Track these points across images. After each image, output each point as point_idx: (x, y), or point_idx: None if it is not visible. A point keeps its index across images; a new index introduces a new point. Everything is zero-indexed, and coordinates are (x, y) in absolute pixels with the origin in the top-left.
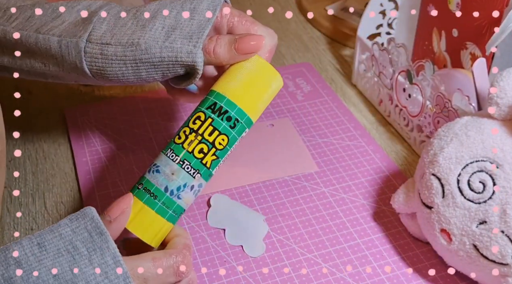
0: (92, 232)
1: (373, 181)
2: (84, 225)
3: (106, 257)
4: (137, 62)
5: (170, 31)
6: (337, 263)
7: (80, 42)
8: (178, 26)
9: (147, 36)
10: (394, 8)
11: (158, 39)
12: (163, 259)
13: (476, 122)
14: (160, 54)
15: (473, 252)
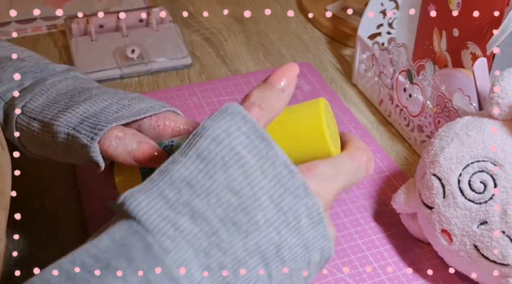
0: (251, 136)
1: (374, 181)
2: (236, 126)
3: (278, 167)
4: (47, 144)
5: (86, 119)
6: (337, 264)
7: (16, 108)
8: (97, 115)
9: (63, 119)
10: (395, 7)
11: (70, 124)
12: (356, 154)
13: (477, 122)
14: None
15: (474, 253)
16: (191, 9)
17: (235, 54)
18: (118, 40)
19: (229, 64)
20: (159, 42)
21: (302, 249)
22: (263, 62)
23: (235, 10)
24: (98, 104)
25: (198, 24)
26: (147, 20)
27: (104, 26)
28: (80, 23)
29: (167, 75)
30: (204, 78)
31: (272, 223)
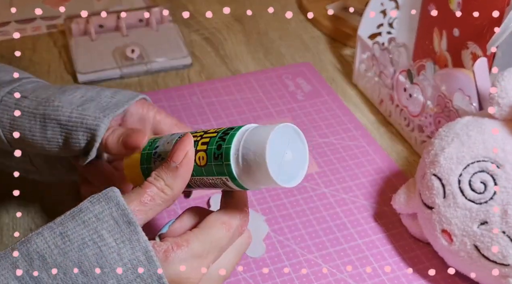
0: (118, 220)
1: (374, 181)
2: (109, 211)
3: (137, 252)
4: (46, 117)
5: (87, 101)
6: (338, 264)
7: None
8: (96, 99)
9: (63, 98)
10: (395, 7)
11: (73, 103)
12: (231, 222)
13: (477, 122)
14: (69, 114)
15: (474, 253)
16: (191, 9)
17: (235, 54)
18: (118, 40)
19: (229, 64)
20: (159, 42)
21: None
22: (263, 62)
23: (235, 9)
24: (91, 90)
25: (198, 24)
26: (147, 20)
27: (104, 26)
28: (80, 23)
29: (167, 75)
30: (204, 78)
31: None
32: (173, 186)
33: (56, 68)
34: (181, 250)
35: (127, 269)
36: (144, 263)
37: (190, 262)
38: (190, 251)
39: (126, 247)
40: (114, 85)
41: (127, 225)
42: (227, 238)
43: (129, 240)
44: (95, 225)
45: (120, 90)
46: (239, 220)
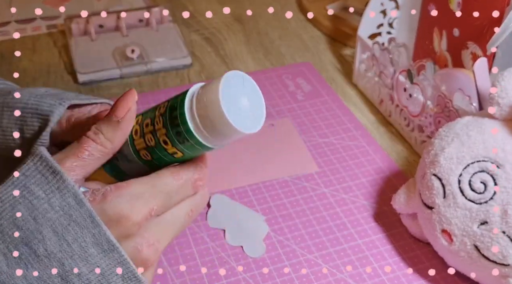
0: (45, 173)
1: (374, 181)
2: (34, 166)
3: (67, 198)
4: (4, 106)
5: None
6: (338, 264)
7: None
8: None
9: (25, 91)
10: (395, 7)
11: (32, 93)
12: (181, 174)
13: (477, 122)
14: (26, 101)
15: (474, 253)
16: (191, 8)
17: (234, 54)
18: (118, 40)
19: (228, 64)
20: (159, 42)
21: (95, 276)
22: (263, 62)
23: (235, 9)
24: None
25: (197, 23)
26: (147, 20)
27: (104, 26)
28: (79, 23)
29: (167, 75)
30: (204, 78)
31: (54, 255)
32: (113, 139)
33: (56, 68)
34: (119, 190)
35: (59, 216)
36: (75, 207)
37: (130, 202)
38: (130, 191)
39: (56, 196)
40: (114, 85)
41: (53, 175)
42: (174, 186)
43: (58, 189)
44: (24, 182)
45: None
46: (191, 173)
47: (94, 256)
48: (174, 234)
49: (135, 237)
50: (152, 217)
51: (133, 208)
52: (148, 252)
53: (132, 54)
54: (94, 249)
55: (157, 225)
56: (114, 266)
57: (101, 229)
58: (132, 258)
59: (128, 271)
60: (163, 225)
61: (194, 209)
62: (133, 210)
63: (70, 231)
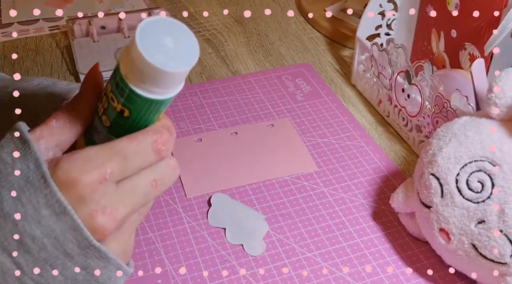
0: (17, 142)
1: (373, 180)
2: (11, 137)
3: (29, 162)
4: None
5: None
6: (337, 262)
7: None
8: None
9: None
10: (393, 9)
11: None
12: (139, 136)
13: (474, 122)
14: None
15: (472, 252)
16: (192, 10)
17: (235, 55)
18: (120, 41)
19: (229, 65)
20: None
21: (50, 241)
22: (263, 63)
23: (235, 11)
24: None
25: (198, 25)
26: None
27: (105, 27)
28: (81, 24)
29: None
30: (204, 79)
31: (10, 216)
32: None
33: (59, 69)
34: (73, 155)
35: (19, 178)
36: (33, 169)
37: (80, 164)
38: (83, 155)
39: (20, 161)
40: None
41: (23, 143)
42: (131, 148)
43: (24, 155)
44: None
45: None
46: (150, 135)
47: (47, 219)
48: (135, 204)
49: (90, 203)
50: (108, 181)
51: (84, 170)
52: (103, 219)
53: None
54: (46, 211)
55: (115, 193)
56: (67, 231)
57: (52, 189)
58: (86, 224)
59: (83, 238)
60: (121, 192)
61: (159, 179)
62: (83, 172)
63: (25, 192)
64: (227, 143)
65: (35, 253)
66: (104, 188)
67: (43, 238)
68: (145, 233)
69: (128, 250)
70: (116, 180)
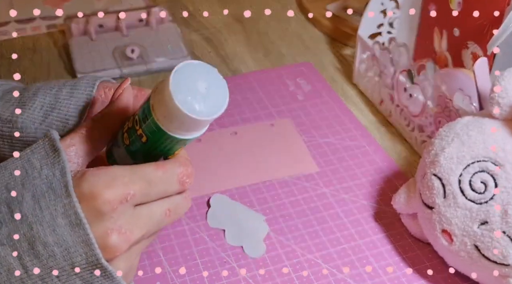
0: (48, 150)
1: (374, 181)
2: (42, 144)
3: (55, 170)
4: (13, 139)
5: (48, 112)
6: (338, 264)
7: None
8: (57, 106)
9: (25, 115)
10: (395, 7)
11: (35, 120)
12: (167, 165)
13: (477, 122)
14: (34, 134)
15: (474, 253)
16: (191, 8)
17: (235, 54)
18: (118, 40)
19: (229, 64)
20: (159, 42)
21: (60, 249)
22: (263, 62)
23: (235, 9)
24: (48, 92)
25: (198, 23)
26: (147, 19)
27: (103, 26)
28: (79, 23)
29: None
30: None
31: (26, 218)
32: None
33: (56, 68)
34: (99, 170)
35: (42, 183)
36: (58, 177)
37: (105, 180)
38: (109, 172)
39: (47, 167)
40: None
41: (53, 151)
42: (157, 175)
43: (52, 163)
44: (28, 156)
45: (78, 81)
46: (177, 166)
47: (62, 228)
48: (147, 230)
49: (106, 221)
50: (128, 203)
51: (108, 187)
52: (117, 239)
53: (132, 54)
54: (62, 220)
55: (132, 215)
56: (79, 244)
57: (71, 200)
58: (99, 241)
59: (92, 254)
60: (138, 216)
61: (173, 210)
62: (107, 188)
63: (46, 197)
64: (227, 143)
65: (44, 259)
66: (123, 209)
67: (54, 246)
68: None
69: (132, 271)
70: (136, 203)
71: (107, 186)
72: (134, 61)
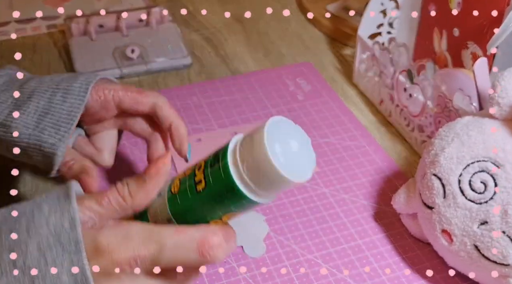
0: (60, 197)
1: (374, 181)
2: (56, 193)
3: (64, 220)
4: (7, 144)
5: (41, 116)
6: (338, 264)
7: None
8: (50, 110)
9: (19, 120)
10: (395, 7)
11: (29, 125)
12: (189, 230)
13: (477, 122)
14: (27, 140)
15: (474, 253)
16: (191, 8)
17: (235, 54)
18: (118, 40)
19: (229, 64)
20: (159, 42)
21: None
22: (263, 62)
23: (235, 9)
24: (42, 96)
25: (197, 23)
26: (147, 20)
27: (103, 26)
28: (79, 22)
29: (167, 75)
30: (204, 78)
31: (29, 270)
32: (135, 196)
33: (56, 67)
34: (117, 226)
35: (49, 234)
36: (67, 229)
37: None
38: (126, 229)
39: (56, 215)
40: None
41: (65, 198)
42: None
43: (61, 210)
44: (40, 202)
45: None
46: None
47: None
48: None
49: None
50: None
51: (120, 246)
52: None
53: (132, 54)
54: (67, 278)
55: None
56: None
57: (80, 257)
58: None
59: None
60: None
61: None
62: (118, 247)
63: (53, 251)
64: None
65: None
66: (131, 271)
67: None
68: None
69: None
70: (145, 266)
71: (119, 245)
72: (134, 61)
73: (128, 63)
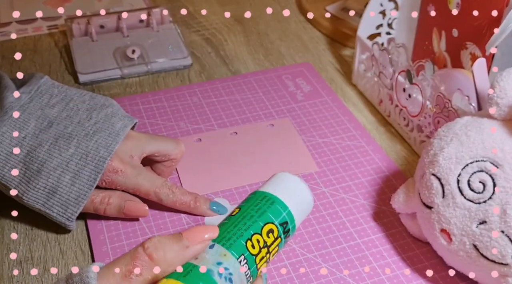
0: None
1: (373, 181)
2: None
3: None
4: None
5: (50, 194)
6: (337, 263)
7: None
8: (58, 191)
9: (30, 194)
10: (394, 8)
11: (38, 200)
12: None
13: (476, 122)
14: (39, 211)
15: (473, 252)
16: (191, 9)
17: (235, 54)
18: (119, 40)
19: (229, 64)
20: (159, 43)
21: None
22: (263, 62)
23: (235, 10)
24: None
25: (198, 24)
26: (148, 20)
27: (104, 27)
28: (80, 23)
29: (167, 75)
30: (204, 78)
31: None
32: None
33: (57, 68)
34: None
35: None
36: None
37: None
38: None
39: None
40: (114, 85)
41: None
42: None
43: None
44: None
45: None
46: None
47: None
48: None
49: None
50: None
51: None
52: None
53: (133, 55)
54: None
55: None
56: None
57: None
58: None
59: None
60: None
61: None
62: None
63: None
64: (226, 143)
65: None
66: None
67: None
68: (145, 234)
69: None
70: None
71: None
72: (135, 61)
73: (129, 63)
